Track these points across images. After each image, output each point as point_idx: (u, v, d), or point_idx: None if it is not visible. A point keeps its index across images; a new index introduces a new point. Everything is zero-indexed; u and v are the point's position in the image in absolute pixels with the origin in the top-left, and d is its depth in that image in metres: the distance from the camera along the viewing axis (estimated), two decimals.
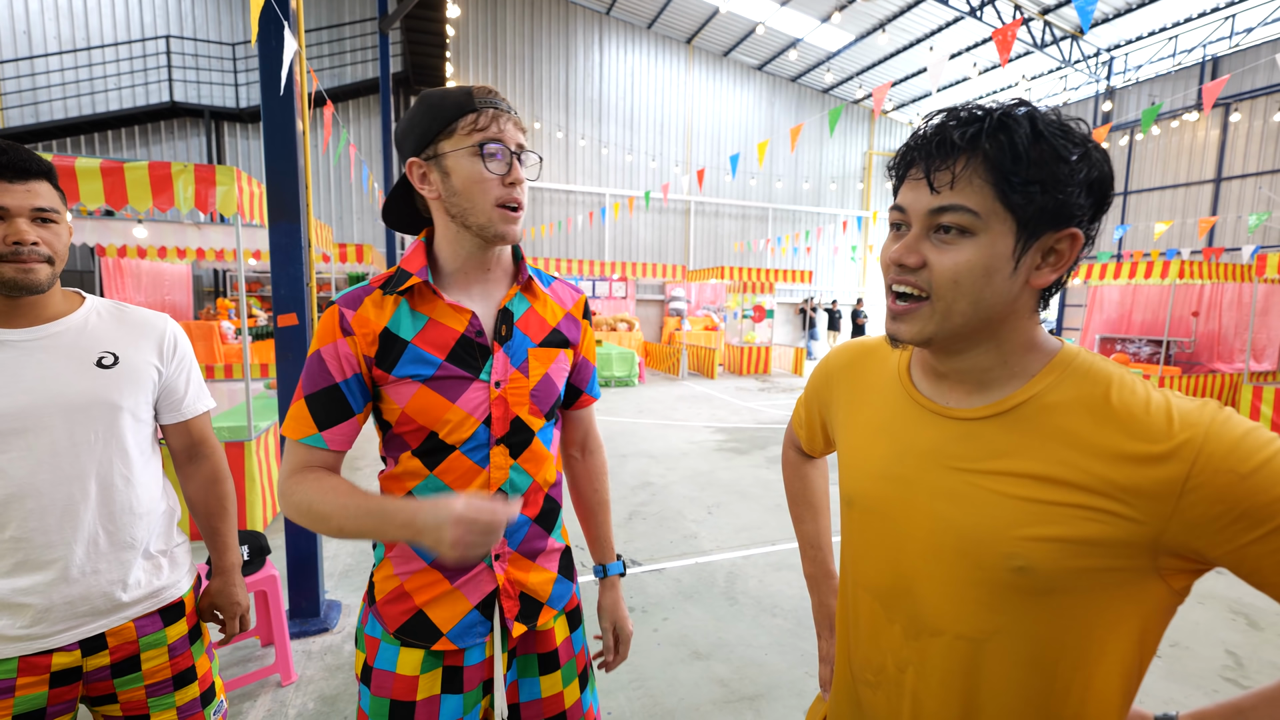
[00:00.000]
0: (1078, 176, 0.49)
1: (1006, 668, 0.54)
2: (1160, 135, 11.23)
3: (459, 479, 0.80)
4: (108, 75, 9.34)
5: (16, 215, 0.84)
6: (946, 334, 0.54)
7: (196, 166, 2.85)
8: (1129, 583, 0.50)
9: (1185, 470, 0.46)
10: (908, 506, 0.59)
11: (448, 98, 0.77)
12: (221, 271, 9.99)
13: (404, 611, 0.81)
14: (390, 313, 0.78)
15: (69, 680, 0.91)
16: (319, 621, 2.34)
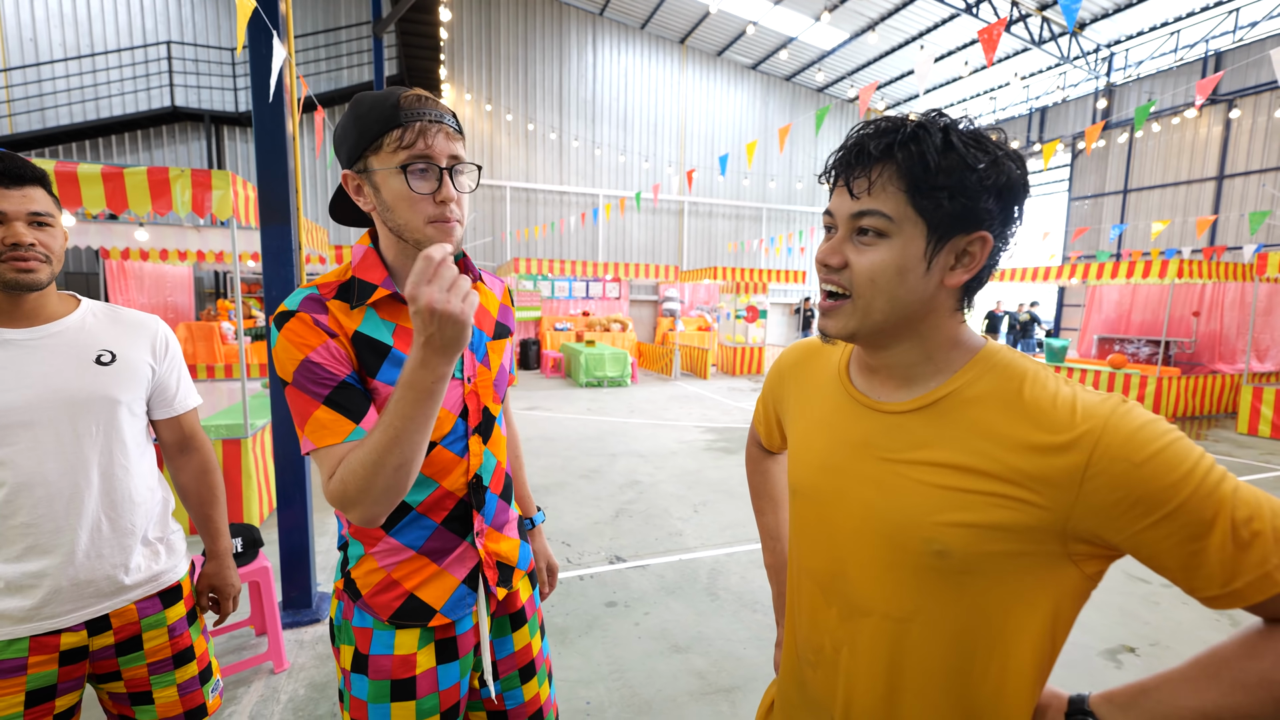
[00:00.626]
0: (986, 183, 0.52)
1: (928, 646, 0.57)
2: (1161, 132, 11.04)
3: (440, 470, 0.83)
4: (111, 81, 9.47)
5: (14, 219, 0.90)
6: (868, 329, 0.58)
7: (193, 171, 2.93)
8: (1041, 567, 0.53)
9: (1085, 459, 0.49)
10: (841, 495, 0.62)
11: (374, 109, 0.73)
12: (221, 273, 10.10)
13: (396, 598, 0.84)
14: (359, 320, 0.78)
15: (77, 659, 0.98)
16: (311, 612, 2.41)
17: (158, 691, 1.06)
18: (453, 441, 0.84)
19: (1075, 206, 12.64)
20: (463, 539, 0.87)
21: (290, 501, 2.42)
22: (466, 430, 0.85)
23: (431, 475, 0.83)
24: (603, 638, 2.32)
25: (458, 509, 0.86)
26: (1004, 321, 11.86)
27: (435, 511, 0.84)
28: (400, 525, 0.84)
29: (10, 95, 9.08)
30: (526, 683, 0.96)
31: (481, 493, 0.88)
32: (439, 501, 0.84)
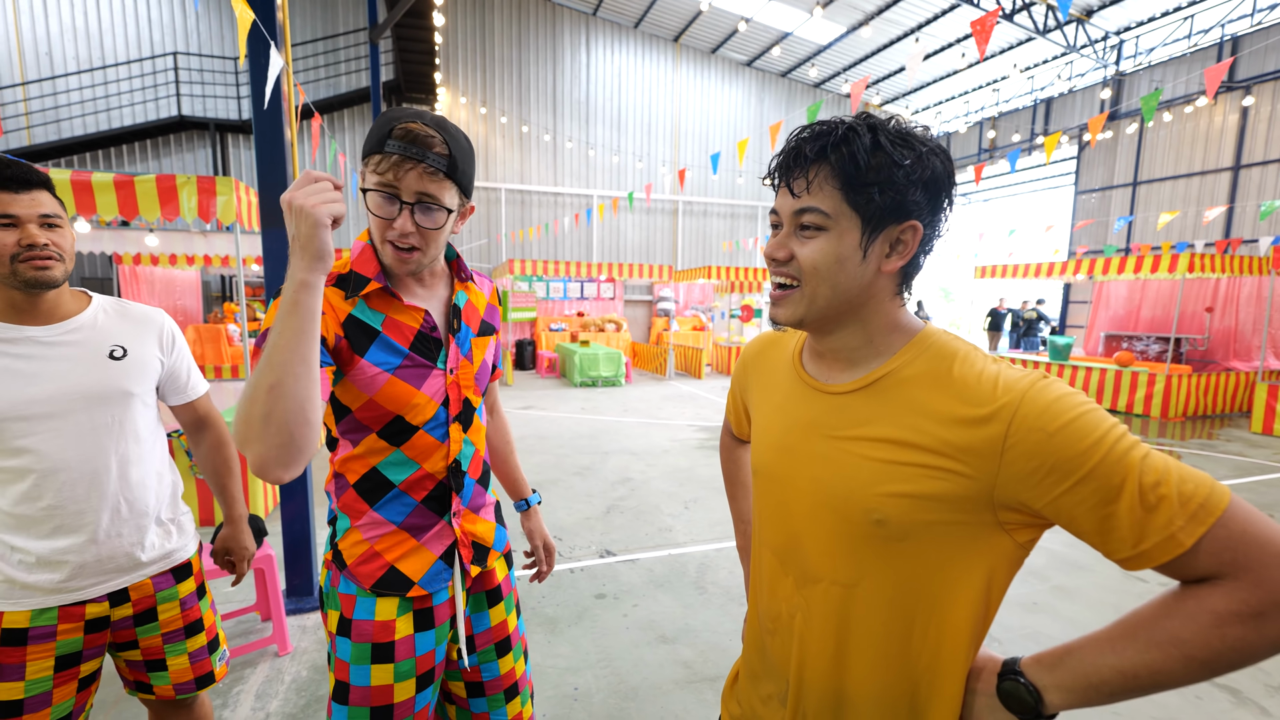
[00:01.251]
0: (912, 177, 0.57)
1: (872, 610, 0.61)
2: (1173, 122, 10.54)
3: (422, 453, 0.90)
4: (121, 93, 9.69)
5: (27, 221, 0.96)
6: (815, 314, 0.62)
7: (199, 178, 3.03)
8: (974, 535, 0.56)
9: (1004, 430, 0.53)
10: (794, 473, 0.67)
11: (378, 129, 0.80)
12: (227, 277, 10.28)
13: (378, 569, 0.90)
14: (351, 307, 0.86)
15: (99, 628, 1.07)
16: (312, 599, 2.50)
17: (171, 659, 1.15)
18: (434, 428, 0.91)
19: (1082, 200, 12.43)
20: (440, 518, 0.94)
21: (292, 494, 2.51)
22: (447, 418, 0.92)
23: (413, 457, 0.90)
24: (591, 628, 2.38)
25: (437, 490, 0.93)
26: (1007, 320, 11.63)
27: (415, 490, 0.91)
28: (383, 501, 0.91)
29: (29, 108, 9.32)
30: (502, 657, 1.03)
31: (460, 477, 0.95)
32: (419, 482, 0.91)
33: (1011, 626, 2.45)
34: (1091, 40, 10.56)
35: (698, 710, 1.91)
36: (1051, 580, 2.90)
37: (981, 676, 0.61)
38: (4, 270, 0.97)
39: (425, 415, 0.89)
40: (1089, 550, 3.21)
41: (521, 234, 12.18)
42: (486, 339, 1.00)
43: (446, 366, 0.91)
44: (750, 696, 0.76)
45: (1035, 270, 8.12)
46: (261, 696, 1.93)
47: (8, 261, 0.96)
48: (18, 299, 1.01)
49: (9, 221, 0.96)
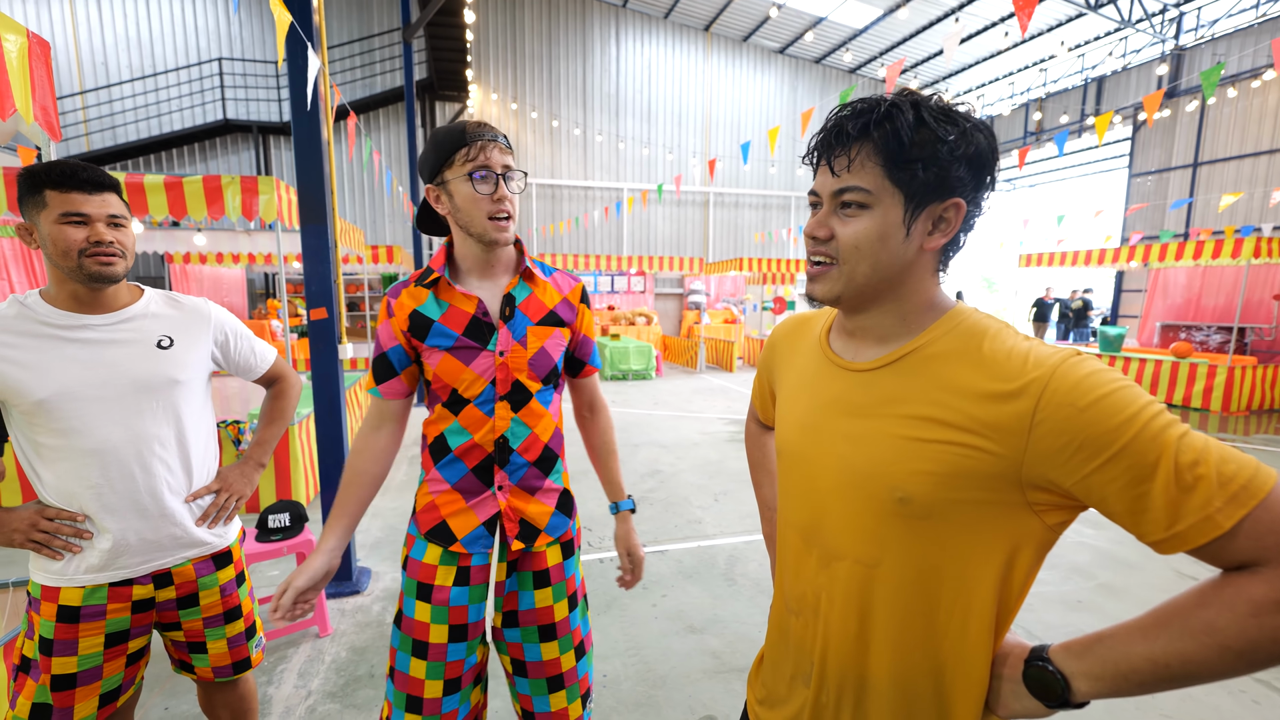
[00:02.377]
0: (956, 153, 0.56)
1: (896, 590, 0.60)
2: (1237, 98, 9.84)
3: (472, 424, 1.03)
4: (170, 99, 10.16)
5: (96, 220, 1.04)
6: (853, 292, 0.62)
7: (242, 178, 3.16)
8: (1002, 515, 0.55)
9: (1033, 405, 0.52)
10: (819, 450, 0.67)
11: (449, 135, 0.98)
12: (270, 274, 10.71)
13: (433, 519, 1.05)
14: (421, 300, 1.04)
15: (145, 608, 1.14)
16: (351, 584, 2.60)
17: (210, 643, 1.21)
18: (482, 403, 1.03)
19: (1137, 184, 11.70)
20: (487, 488, 1.05)
21: (332, 482, 2.61)
22: (495, 395, 1.03)
23: (466, 427, 1.03)
24: (620, 617, 2.40)
25: (484, 461, 1.04)
26: (1054, 310, 11.16)
27: (467, 458, 1.04)
28: (444, 462, 1.05)
29: (86, 115, 9.88)
30: (546, 642, 1.07)
31: (507, 453, 1.04)
32: (470, 450, 1.04)
33: (1054, 625, 2.36)
34: (1149, 14, 9.95)
35: (725, 700, 1.91)
36: (1097, 578, 2.78)
37: (1008, 662, 0.59)
38: (71, 264, 1.03)
39: (475, 391, 1.02)
40: (1137, 547, 3.06)
41: (552, 228, 12.27)
42: (549, 329, 1.07)
43: (496, 349, 1.02)
44: (773, 678, 0.76)
45: (1085, 258, 7.75)
46: (304, 675, 2.02)
47: (76, 256, 1.03)
48: (80, 291, 1.07)
49: (80, 220, 1.03)
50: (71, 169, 1.03)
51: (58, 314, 1.06)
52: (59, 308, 1.07)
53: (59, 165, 1.03)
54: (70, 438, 1.04)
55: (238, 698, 1.32)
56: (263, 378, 1.36)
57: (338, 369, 2.61)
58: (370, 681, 1.99)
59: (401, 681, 1.04)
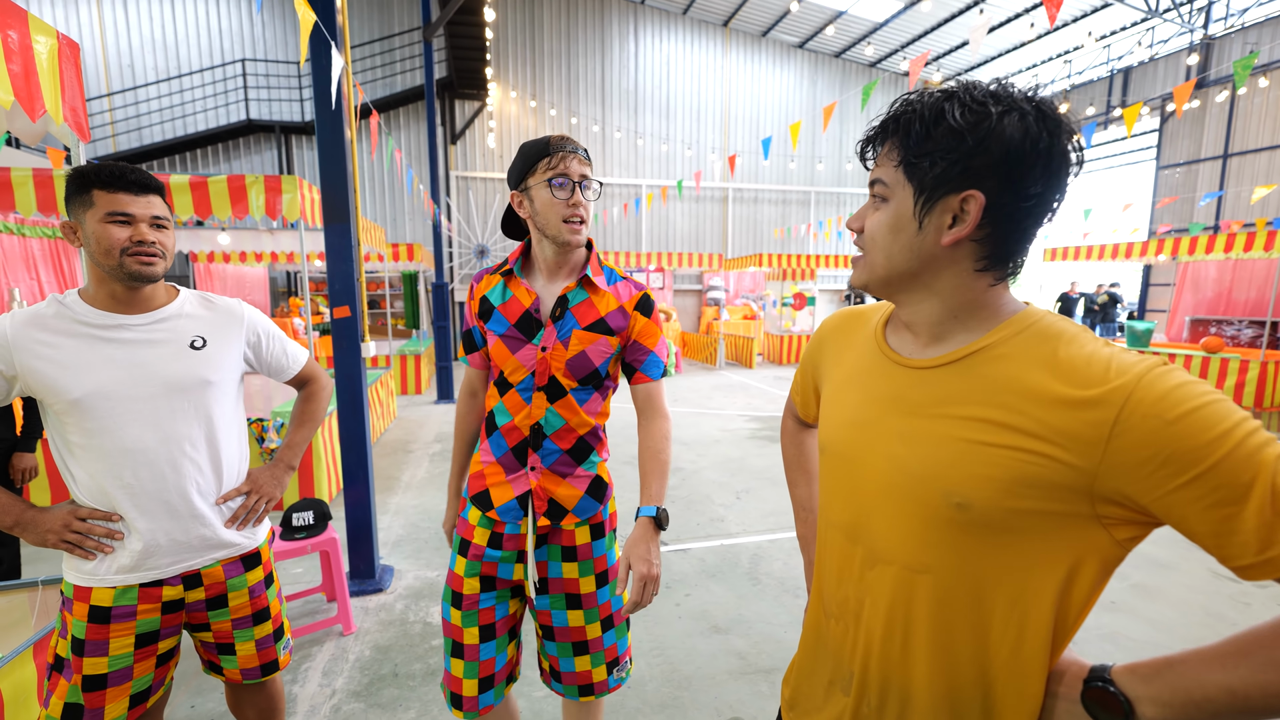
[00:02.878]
0: (974, 145, 0.54)
1: (946, 599, 0.58)
2: (1269, 87, 9.62)
3: (513, 407, 1.14)
4: (194, 99, 10.34)
5: (140, 220, 1.05)
6: (876, 281, 0.64)
7: (265, 177, 3.19)
8: (1068, 527, 0.52)
9: (1114, 414, 0.49)
10: (868, 449, 0.64)
11: (534, 147, 1.09)
12: (292, 273, 10.87)
13: (479, 485, 1.18)
14: (492, 286, 1.17)
15: (175, 609, 1.14)
16: (374, 582, 2.61)
17: (239, 644, 1.21)
18: (522, 389, 1.13)
19: (1164, 176, 11.38)
20: (522, 467, 1.15)
21: (355, 480, 2.63)
22: (533, 384, 1.12)
23: (509, 408, 1.14)
24: (643, 616, 2.38)
25: (521, 443, 1.14)
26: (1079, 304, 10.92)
27: (509, 436, 1.15)
28: (493, 436, 1.17)
29: (114, 117, 10.11)
30: (572, 610, 1.17)
31: (540, 438, 1.13)
32: (510, 431, 1.15)
33: (1088, 627, 2.29)
34: (1176, 3, 9.69)
35: (752, 702, 1.88)
36: (1131, 579, 2.69)
37: (1064, 680, 0.56)
38: (113, 262, 1.04)
39: (518, 377, 1.13)
40: (1174, 547, 2.96)
41: None
42: (595, 335, 1.13)
43: (540, 343, 1.11)
44: (808, 683, 0.74)
45: (1112, 251, 7.59)
46: (328, 674, 2.03)
47: (118, 254, 1.03)
48: (119, 290, 1.08)
49: (125, 219, 1.04)
50: (119, 170, 1.04)
51: (95, 314, 1.07)
52: (97, 307, 1.07)
53: (107, 166, 1.04)
54: (103, 437, 1.04)
55: (265, 698, 1.32)
56: (294, 379, 1.35)
57: (361, 367, 2.62)
58: (394, 681, 1.99)
59: (447, 629, 1.18)
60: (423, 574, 2.75)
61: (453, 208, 11.57)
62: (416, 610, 2.43)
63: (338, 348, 2.58)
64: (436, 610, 2.41)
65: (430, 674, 2.02)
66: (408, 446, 5.04)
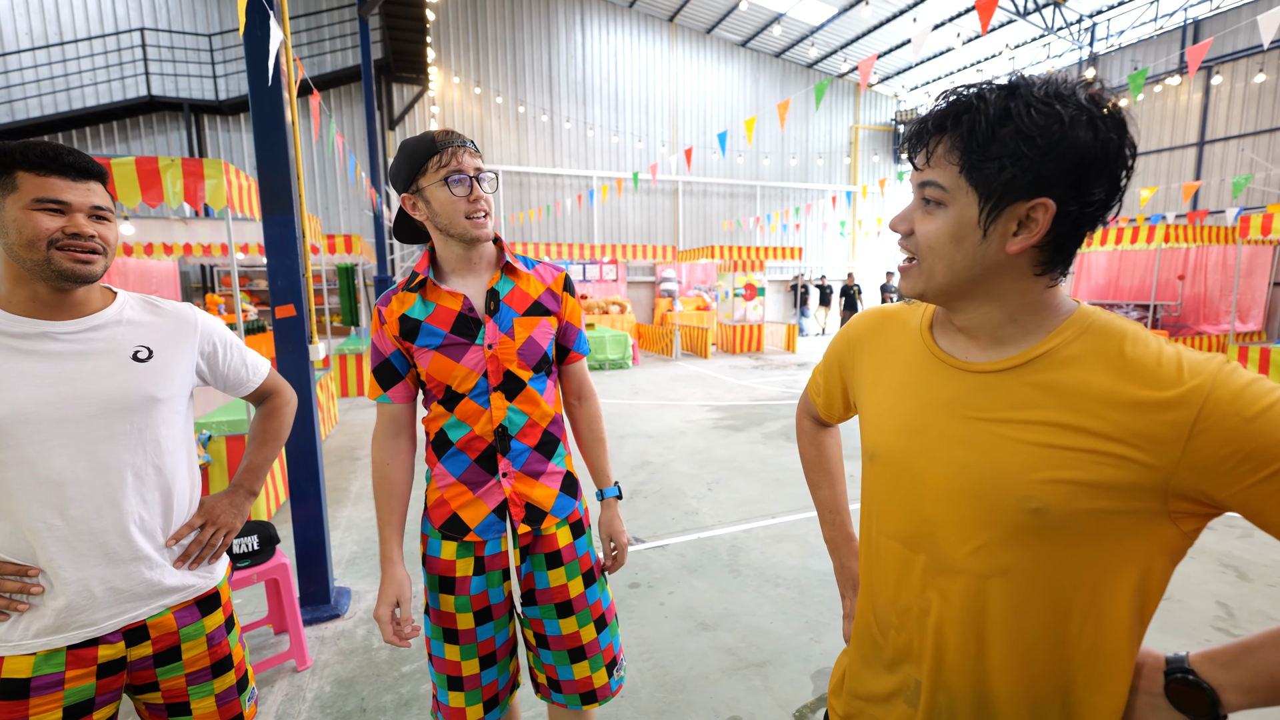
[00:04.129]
0: (1047, 150, 0.51)
1: (1021, 602, 0.57)
2: (1144, 100, 11.10)
3: (469, 416, 1.06)
4: (82, 70, 9.10)
5: (77, 210, 0.88)
6: (935, 291, 0.60)
7: (184, 160, 2.83)
8: (1140, 525, 0.53)
9: (1194, 414, 0.49)
10: (926, 456, 0.63)
11: (419, 145, 1.02)
12: (208, 266, 9.87)
13: (444, 514, 1.09)
14: (409, 304, 1.07)
15: (114, 671, 0.94)
16: (330, 608, 2.39)
17: (195, 702, 1.02)
18: (476, 395, 1.06)
19: None
20: (492, 476, 1.08)
21: (304, 496, 2.39)
22: (488, 387, 1.06)
23: (464, 420, 1.06)
24: (629, 619, 2.33)
25: (486, 451, 1.07)
26: None
27: (469, 450, 1.07)
28: (446, 456, 1.08)
29: None
30: (564, 618, 1.12)
31: (507, 440, 1.07)
32: (470, 442, 1.07)
33: None
34: (1067, 22, 10.95)
35: (748, 698, 1.88)
36: None
37: (1142, 674, 0.57)
38: (38, 257, 0.85)
39: (468, 384, 1.05)
40: None
41: (520, 216, 11.94)
42: (535, 318, 1.10)
43: (484, 342, 1.05)
44: (864, 695, 0.73)
45: None
46: (283, 718, 1.82)
47: (44, 248, 0.85)
48: (42, 292, 0.89)
49: (57, 208, 0.87)
50: (55, 151, 0.87)
51: (11, 319, 0.88)
52: (13, 312, 0.88)
53: (38, 145, 0.86)
54: (22, 469, 0.85)
55: None
56: (254, 393, 1.19)
57: (309, 372, 2.38)
58: (363, 717, 1.82)
59: (440, 665, 1.11)
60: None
61: (392, 196, 10.92)
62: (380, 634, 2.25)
63: (281, 350, 2.33)
64: None
65: (404, 704, 1.87)
66: (354, 454, 4.70)
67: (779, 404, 6.41)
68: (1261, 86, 9.28)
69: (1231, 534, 3.05)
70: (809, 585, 2.56)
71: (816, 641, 2.16)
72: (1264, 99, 9.30)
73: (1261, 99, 9.33)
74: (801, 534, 3.09)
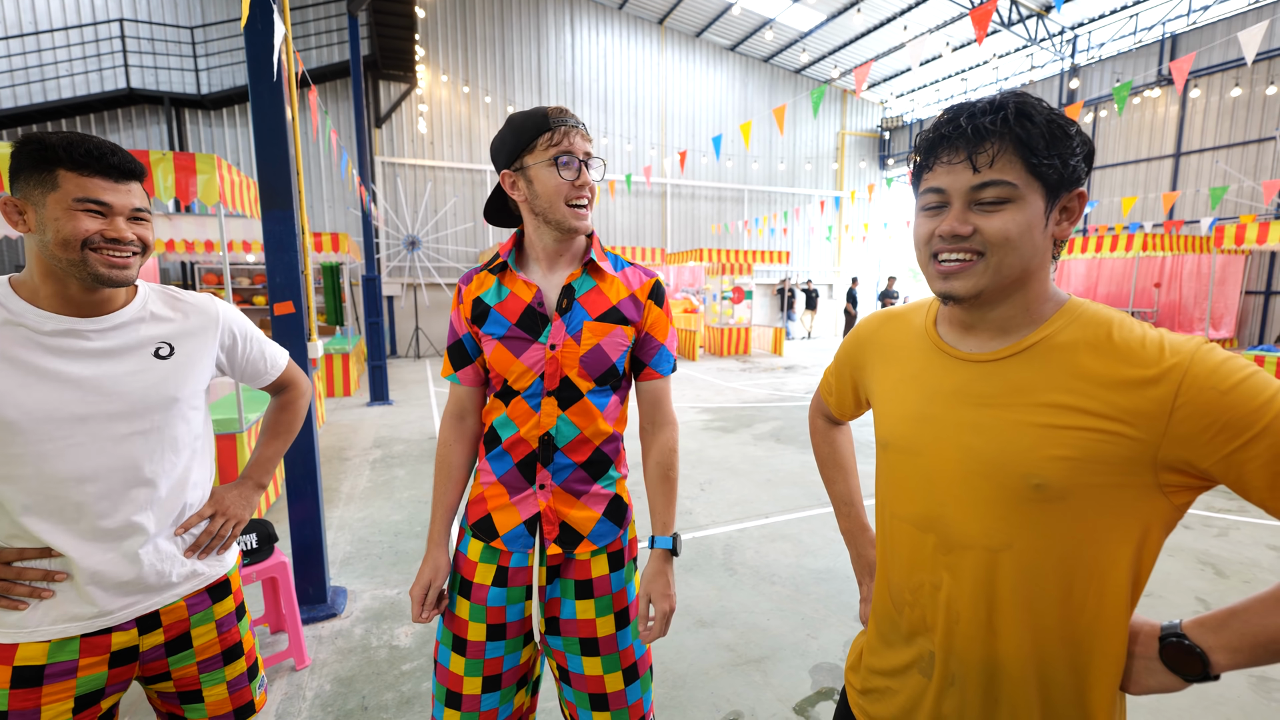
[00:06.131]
0: (1078, 148, 0.60)
1: (1027, 574, 0.61)
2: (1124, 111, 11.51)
3: (519, 417, 0.99)
4: (59, 61, 8.86)
5: (119, 214, 0.87)
6: (996, 284, 0.62)
7: (175, 154, 2.78)
8: (1134, 498, 0.57)
9: (1174, 390, 0.55)
10: (936, 442, 0.68)
11: (529, 119, 0.95)
12: (190, 264, 9.66)
13: (479, 511, 1.03)
14: (486, 286, 1.02)
15: (127, 660, 0.95)
16: (326, 607, 2.37)
17: (207, 690, 1.03)
18: (530, 395, 0.99)
19: None
20: (530, 485, 1.00)
21: (301, 494, 2.37)
22: (542, 389, 0.98)
23: (514, 419, 1.00)
24: None
25: (528, 457, 0.99)
26: None
27: (514, 451, 1.00)
28: (494, 453, 1.02)
29: None
30: (588, 656, 1.00)
31: (551, 451, 0.99)
32: (516, 445, 1.00)
33: None
34: (1050, 34, 11.23)
35: (748, 693, 1.91)
36: None
37: (1139, 639, 0.62)
38: (73, 256, 0.84)
39: (524, 383, 0.98)
40: None
41: None
42: (609, 326, 1.00)
43: (548, 341, 0.97)
44: (882, 670, 0.77)
45: None
46: (284, 717, 1.81)
47: (79, 249, 0.84)
48: (73, 289, 0.88)
49: (98, 209, 0.85)
50: (99, 149, 0.85)
51: (37, 315, 0.86)
52: (40, 306, 0.87)
53: (81, 143, 0.84)
54: (43, 464, 0.85)
55: None
56: (271, 384, 1.18)
57: (308, 368, 2.37)
58: (364, 715, 1.81)
59: (443, 675, 1.02)
60: (380, 593, 2.54)
61: (379, 195, 10.79)
62: (379, 634, 2.24)
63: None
64: (402, 632, 2.24)
65: (405, 702, 1.87)
66: (343, 454, 4.65)
67: (768, 406, 6.48)
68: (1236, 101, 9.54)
69: (1208, 533, 3.17)
70: (804, 583, 2.60)
71: (813, 637, 2.20)
72: (1238, 113, 9.56)
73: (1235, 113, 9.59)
74: (795, 533, 3.14)
